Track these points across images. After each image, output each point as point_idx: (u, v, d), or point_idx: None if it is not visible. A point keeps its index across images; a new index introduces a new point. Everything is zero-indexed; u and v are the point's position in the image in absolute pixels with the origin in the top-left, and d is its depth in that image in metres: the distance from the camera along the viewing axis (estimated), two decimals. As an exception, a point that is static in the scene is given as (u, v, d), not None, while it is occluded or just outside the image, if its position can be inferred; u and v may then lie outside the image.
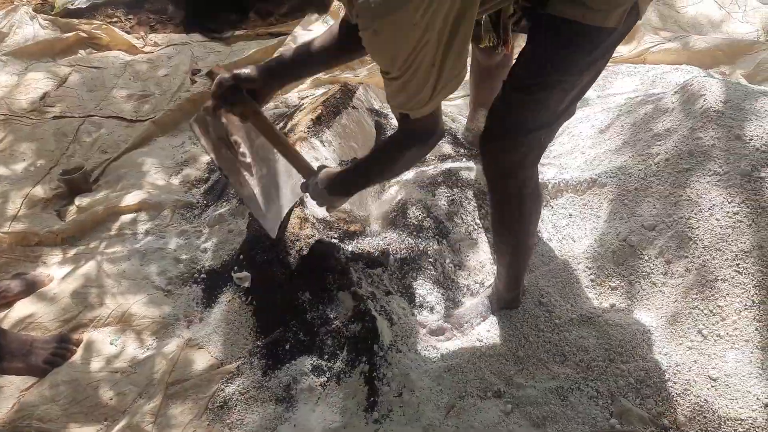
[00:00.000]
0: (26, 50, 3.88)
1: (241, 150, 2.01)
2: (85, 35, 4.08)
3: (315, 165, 2.02)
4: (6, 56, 3.80)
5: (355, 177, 1.92)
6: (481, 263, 2.34)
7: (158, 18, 4.48)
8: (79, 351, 2.14)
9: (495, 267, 2.30)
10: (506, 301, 2.15)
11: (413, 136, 1.66)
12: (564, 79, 1.57)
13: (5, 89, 3.55)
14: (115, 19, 4.39)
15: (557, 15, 1.48)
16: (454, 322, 2.16)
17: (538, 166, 1.81)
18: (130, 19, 4.44)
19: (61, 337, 2.14)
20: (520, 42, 1.78)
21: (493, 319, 2.15)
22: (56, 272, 2.44)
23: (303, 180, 2.01)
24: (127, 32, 4.25)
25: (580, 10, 1.45)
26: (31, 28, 4.09)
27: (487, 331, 2.11)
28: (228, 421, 1.93)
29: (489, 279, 2.29)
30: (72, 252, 2.56)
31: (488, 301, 2.19)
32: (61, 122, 3.36)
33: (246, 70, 1.84)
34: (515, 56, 1.67)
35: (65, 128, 3.32)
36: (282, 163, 2.10)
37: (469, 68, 2.19)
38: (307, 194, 2.01)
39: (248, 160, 2.04)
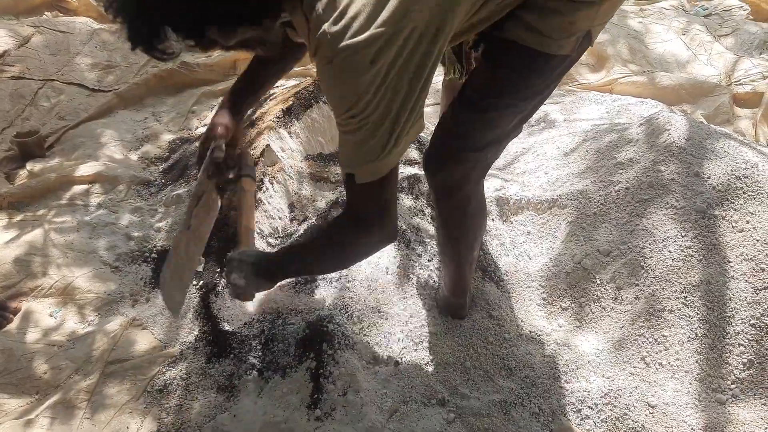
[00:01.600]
0: (-12, 5, 3.75)
1: (191, 220, 1.91)
2: (53, -3, 3.96)
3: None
4: (-34, 9, 3.66)
5: (286, 260, 1.76)
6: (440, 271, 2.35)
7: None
8: (16, 320, 2.06)
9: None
10: (453, 307, 2.15)
11: (357, 218, 1.52)
12: (516, 102, 1.58)
13: (-38, 42, 3.41)
14: (86, -15, 4.27)
15: (514, 40, 1.49)
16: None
17: (501, 182, 1.84)
18: (101, -14, 4.32)
19: (-2, 304, 2.06)
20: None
21: (443, 328, 2.15)
22: (-1, 236, 2.35)
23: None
24: (97, -1, 4.14)
25: (536, 37, 1.47)
26: (-5, -17, 3.95)
27: (437, 339, 2.11)
28: (166, 405, 1.88)
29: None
30: (18, 217, 2.47)
31: (435, 305, 2.19)
32: (19, 83, 3.25)
33: (219, 130, 1.85)
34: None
35: (23, 90, 3.21)
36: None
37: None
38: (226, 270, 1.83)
39: (189, 230, 1.91)
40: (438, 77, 2.09)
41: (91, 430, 1.75)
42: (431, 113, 3.26)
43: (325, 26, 1.24)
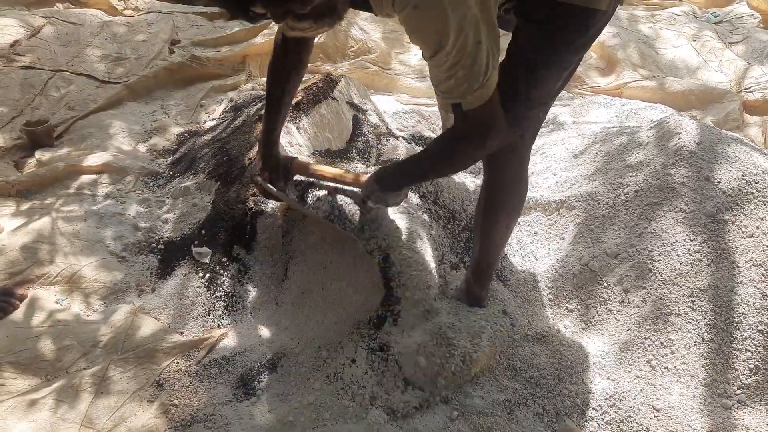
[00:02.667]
0: (0, -6, 3.76)
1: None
2: (65, -12, 3.97)
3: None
4: (-23, -2, 3.67)
5: (406, 169, 1.93)
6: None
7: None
8: (22, 306, 2.05)
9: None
10: (475, 297, 2.11)
11: (469, 130, 1.62)
12: (563, 57, 1.65)
13: (-27, 31, 3.42)
14: (98, -23, 4.27)
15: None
16: None
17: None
18: (113, -21, 4.32)
19: (5, 290, 2.06)
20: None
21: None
22: (7, 224, 2.35)
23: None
24: (110, -8, 4.15)
25: None
26: (8, -26, 3.96)
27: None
28: (174, 395, 1.87)
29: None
30: (26, 205, 2.47)
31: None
32: (29, 73, 3.26)
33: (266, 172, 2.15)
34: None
35: (33, 79, 3.22)
36: None
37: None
38: (370, 203, 2.02)
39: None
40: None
41: (98, 414, 1.75)
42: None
43: None
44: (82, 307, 2.11)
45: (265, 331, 2.11)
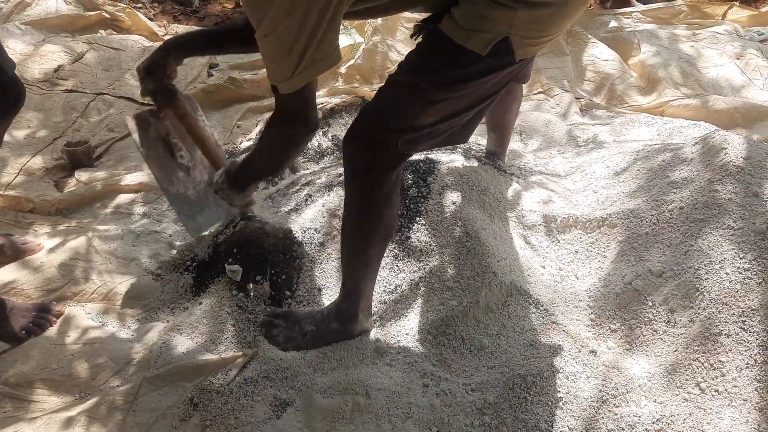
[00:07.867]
0: (46, 22, 3.86)
1: (181, 153, 2.17)
2: (107, 16, 4.07)
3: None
4: (25, 25, 3.77)
5: (243, 166, 2.00)
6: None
7: (182, 9, 4.48)
8: (58, 323, 2.06)
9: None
10: (341, 315, 2.00)
11: (281, 118, 1.76)
12: (423, 85, 1.63)
13: (20, 57, 3.50)
14: (139, 5, 4.39)
15: (436, 25, 1.61)
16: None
17: (548, 193, 1.79)
18: (154, 6, 4.44)
19: (42, 307, 2.07)
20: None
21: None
22: (46, 242, 2.37)
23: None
24: (150, 19, 4.24)
25: (451, 25, 1.57)
26: (54, 2, 4.08)
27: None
28: (205, 412, 1.84)
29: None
30: (64, 224, 2.50)
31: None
32: (71, 96, 3.33)
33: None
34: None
35: (75, 102, 3.29)
36: None
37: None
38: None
39: (186, 162, 2.19)
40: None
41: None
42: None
43: None
44: (116, 324, 2.11)
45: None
